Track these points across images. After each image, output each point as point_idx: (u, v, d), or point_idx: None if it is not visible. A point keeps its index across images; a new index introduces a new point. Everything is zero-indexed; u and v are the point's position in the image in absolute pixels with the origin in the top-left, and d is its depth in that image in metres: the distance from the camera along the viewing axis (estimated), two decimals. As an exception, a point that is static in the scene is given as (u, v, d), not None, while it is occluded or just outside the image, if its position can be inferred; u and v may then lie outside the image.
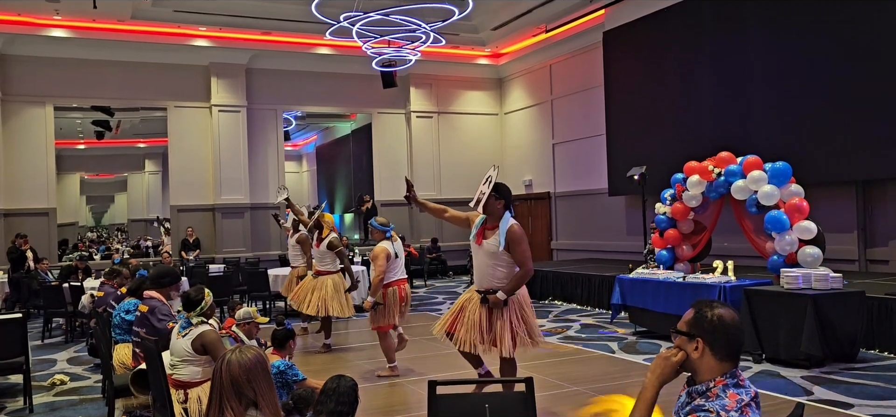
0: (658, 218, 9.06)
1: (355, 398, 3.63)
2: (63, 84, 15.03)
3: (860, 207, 10.57)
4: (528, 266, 4.98)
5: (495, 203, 5.08)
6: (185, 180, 16.00)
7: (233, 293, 10.96)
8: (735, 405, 2.22)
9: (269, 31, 15.74)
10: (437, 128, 18.31)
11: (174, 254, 15.15)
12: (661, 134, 13.27)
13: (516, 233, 4.97)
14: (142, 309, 5.37)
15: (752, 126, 11.53)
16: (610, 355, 7.76)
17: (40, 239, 14.39)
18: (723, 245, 9.92)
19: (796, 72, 10.95)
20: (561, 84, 16.83)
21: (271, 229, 16.59)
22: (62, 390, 6.89)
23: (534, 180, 17.81)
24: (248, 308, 5.41)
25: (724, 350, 2.32)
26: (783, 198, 7.58)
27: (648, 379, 2.40)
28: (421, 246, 16.99)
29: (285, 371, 4.67)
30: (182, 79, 15.86)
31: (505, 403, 2.90)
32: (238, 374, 2.22)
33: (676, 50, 13.18)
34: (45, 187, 14.91)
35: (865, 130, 10.01)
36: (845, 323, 6.83)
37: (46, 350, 9.18)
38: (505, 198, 5.11)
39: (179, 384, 4.42)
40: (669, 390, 2.33)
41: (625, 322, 9.44)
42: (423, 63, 16.38)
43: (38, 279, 11.83)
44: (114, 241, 24.52)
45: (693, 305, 2.42)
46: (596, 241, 15.61)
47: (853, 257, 10.51)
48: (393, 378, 6.82)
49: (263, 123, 16.72)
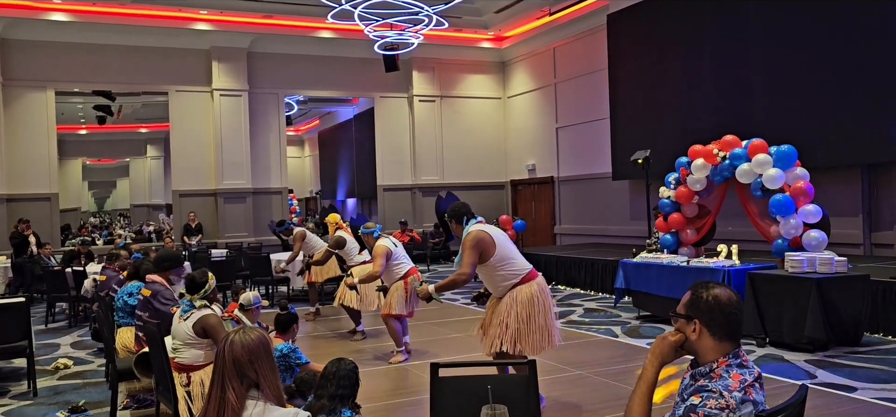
0: (662, 203, 9.03)
1: (356, 381, 3.63)
2: (64, 68, 14.99)
3: (866, 191, 10.51)
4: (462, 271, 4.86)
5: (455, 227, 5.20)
6: (187, 165, 15.99)
7: (235, 277, 10.98)
8: (738, 385, 2.22)
9: (271, 14, 15.67)
10: (440, 113, 18.25)
11: (176, 239, 15.16)
12: (666, 117, 13.20)
13: (464, 241, 4.96)
14: (145, 292, 5.37)
15: (757, 109, 11.47)
16: (613, 339, 7.76)
17: (43, 225, 14.41)
18: (727, 229, 9.89)
19: (801, 54, 10.87)
20: (564, 67, 16.75)
21: (274, 214, 16.60)
22: (66, 374, 6.91)
23: (537, 164, 17.77)
24: (249, 292, 5.41)
25: (722, 330, 2.32)
26: (788, 181, 7.54)
27: (648, 360, 2.42)
28: (423, 231, 16.99)
29: (288, 354, 4.67)
30: (183, 64, 15.81)
31: (507, 385, 2.89)
32: (240, 355, 2.21)
33: (681, 33, 13.10)
34: (46, 172, 14.91)
35: (871, 113, 9.95)
36: (850, 307, 6.80)
37: (50, 334, 9.20)
38: (454, 217, 5.19)
39: (182, 367, 4.42)
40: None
41: (628, 306, 9.43)
42: (426, 46, 16.32)
43: (41, 264, 11.86)
44: (116, 227, 24.57)
45: (690, 287, 2.44)
46: (599, 226, 15.58)
47: (858, 241, 10.47)
48: (402, 363, 6.81)
49: (265, 108, 16.68)
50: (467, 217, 5.15)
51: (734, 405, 2.17)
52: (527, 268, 5.04)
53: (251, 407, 2.19)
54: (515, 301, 4.91)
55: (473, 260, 4.86)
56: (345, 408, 3.50)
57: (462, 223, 5.13)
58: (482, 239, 4.88)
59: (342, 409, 3.48)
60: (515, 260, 5.00)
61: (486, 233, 4.94)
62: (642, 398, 2.37)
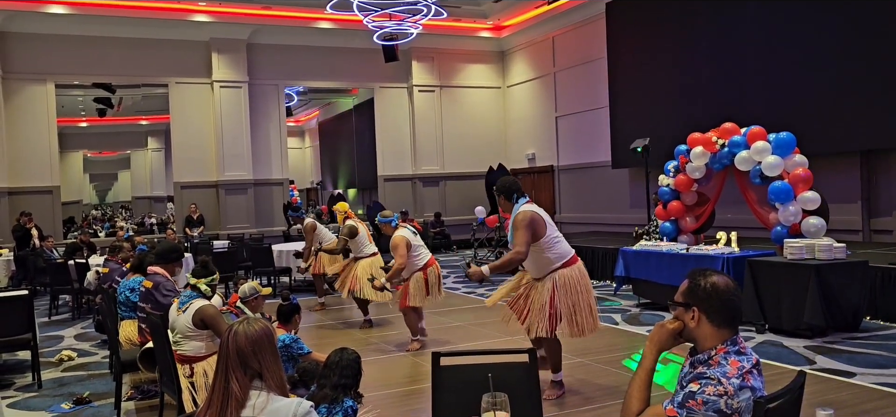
0: (661, 190, 9.05)
1: (358, 370, 3.65)
2: (64, 61, 15.00)
3: (864, 177, 10.53)
4: (518, 249, 4.82)
5: (501, 201, 5.15)
6: (188, 157, 16.01)
7: (237, 269, 11.01)
8: (736, 371, 2.24)
9: (270, 5, 15.65)
10: (440, 102, 18.24)
11: (178, 231, 15.19)
12: (665, 105, 13.21)
13: (516, 220, 4.93)
14: (146, 284, 5.40)
15: (756, 96, 11.47)
16: (614, 327, 7.79)
17: (45, 218, 14.44)
18: (726, 216, 9.92)
19: (800, 42, 10.86)
20: (564, 56, 16.73)
21: (275, 205, 16.62)
22: (70, 366, 6.94)
23: (537, 153, 17.78)
24: (252, 282, 5.44)
25: (720, 317, 2.33)
26: (787, 168, 7.56)
27: (647, 348, 2.44)
28: (424, 221, 17.02)
29: (290, 344, 4.69)
30: (183, 56, 15.81)
31: (508, 373, 2.91)
32: (244, 345, 2.23)
33: (679, 20, 13.08)
34: (48, 165, 14.93)
35: (870, 100, 9.96)
36: (848, 293, 6.83)
37: (53, 326, 9.25)
38: (503, 192, 5.13)
39: (184, 359, 4.45)
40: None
41: (628, 294, 9.46)
42: (425, 36, 16.30)
43: (44, 256, 11.89)
44: (118, 219, 24.60)
45: (688, 275, 2.46)
46: (599, 214, 15.61)
47: (857, 227, 10.49)
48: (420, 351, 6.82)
49: (265, 99, 16.68)
50: (517, 194, 5.10)
51: (733, 391, 2.19)
52: (570, 252, 5.08)
53: (254, 397, 2.21)
54: (559, 285, 4.93)
55: (528, 239, 4.83)
56: (347, 398, 3.52)
57: (512, 199, 5.09)
58: (535, 219, 4.90)
59: (344, 399, 3.51)
60: (562, 242, 5.05)
61: (538, 214, 4.96)
62: (641, 384, 2.40)
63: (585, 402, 5.11)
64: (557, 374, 5.23)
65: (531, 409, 2.92)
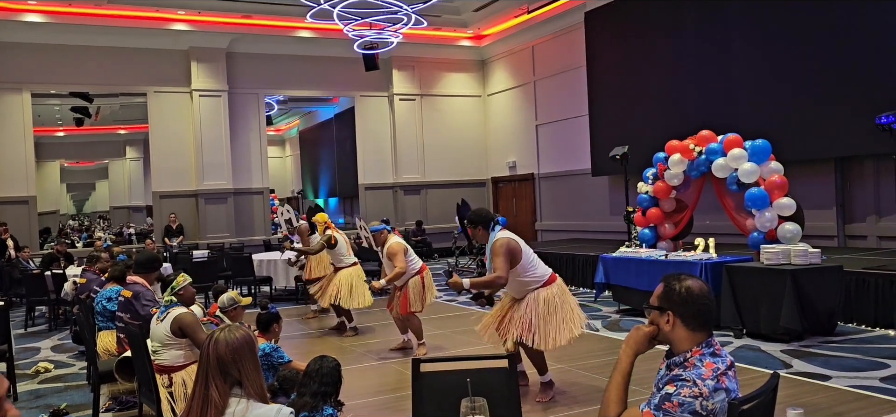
0: (640, 197, 9.13)
1: (338, 378, 3.66)
2: (40, 70, 14.82)
3: (839, 184, 10.70)
4: (498, 274, 5.04)
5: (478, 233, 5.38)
6: (167, 166, 15.88)
7: (217, 278, 10.93)
8: (711, 373, 2.28)
9: (249, 14, 15.60)
10: (421, 111, 18.27)
11: (157, 241, 15.06)
12: (644, 113, 13.33)
13: (494, 247, 5.15)
14: (125, 294, 5.36)
15: (734, 104, 11.61)
16: (594, 333, 7.84)
17: (21, 228, 14.25)
18: (704, 223, 10.03)
19: (776, 50, 11.03)
20: (543, 65, 16.84)
21: (255, 214, 16.54)
22: (46, 377, 6.86)
23: (517, 161, 17.85)
24: (231, 292, 5.42)
25: (694, 321, 2.37)
26: (763, 175, 7.66)
27: (623, 351, 2.48)
28: (405, 230, 17.01)
29: (271, 353, 4.68)
30: (161, 64, 15.69)
31: (487, 379, 2.93)
32: (224, 352, 2.23)
33: (658, 29, 13.22)
34: (24, 175, 14.73)
35: (844, 108, 10.11)
36: (824, 298, 6.93)
37: (30, 338, 9.13)
38: (480, 223, 5.36)
39: (163, 368, 4.42)
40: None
41: (608, 300, 9.52)
42: (406, 45, 16.33)
43: (20, 267, 11.73)
44: (96, 229, 24.32)
45: (662, 279, 2.50)
46: (579, 221, 15.70)
47: (832, 233, 10.65)
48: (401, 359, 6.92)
49: (245, 108, 16.60)
50: (493, 222, 5.37)
51: (707, 393, 2.22)
52: (547, 273, 5.33)
53: (234, 405, 2.22)
54: (537, 301, 5.17)
55: (507, 266, 5.07)
56: (327, 406, 3.53)
57: (488, 228, 5.34)
58: (512, 247, 5.14)
59: (324, 406, 3.51)
60: (538, 266, 5.29)
61: (514, 240, 5.21)
62: (618, 387, 2.43)
63: (567, 408, 5.15)
64: (545, 376, 5.41)
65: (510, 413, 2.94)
